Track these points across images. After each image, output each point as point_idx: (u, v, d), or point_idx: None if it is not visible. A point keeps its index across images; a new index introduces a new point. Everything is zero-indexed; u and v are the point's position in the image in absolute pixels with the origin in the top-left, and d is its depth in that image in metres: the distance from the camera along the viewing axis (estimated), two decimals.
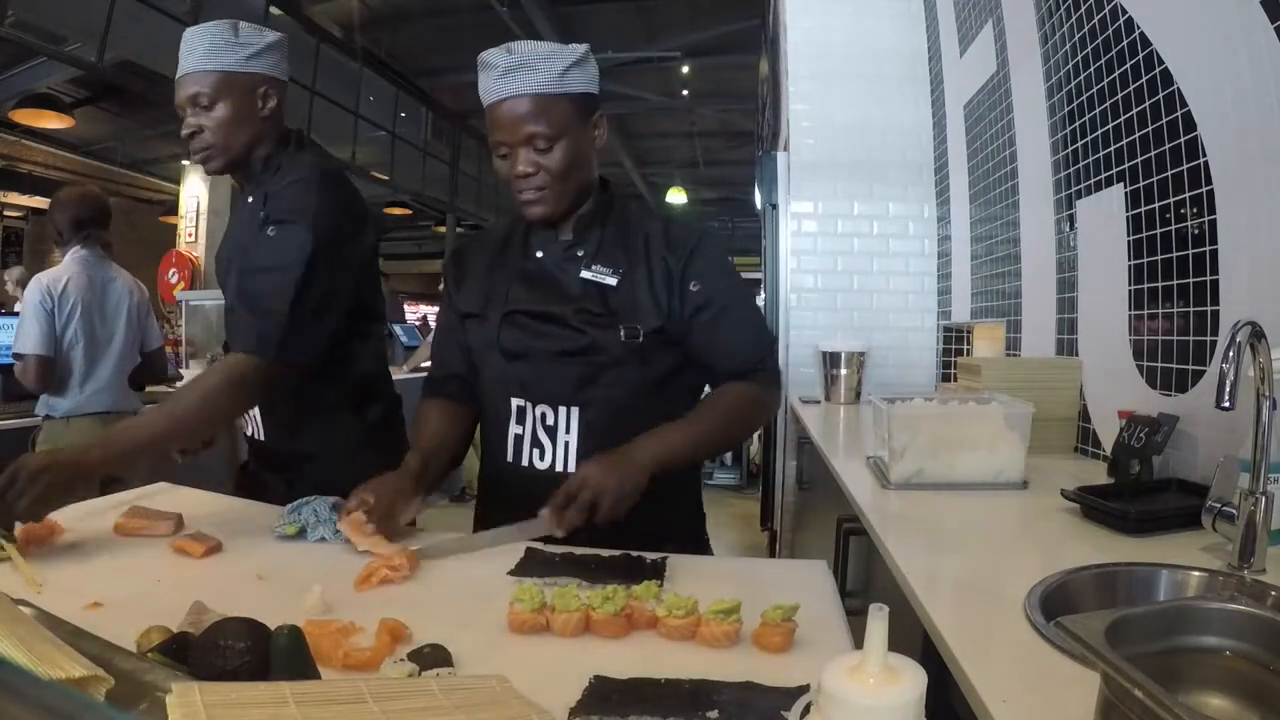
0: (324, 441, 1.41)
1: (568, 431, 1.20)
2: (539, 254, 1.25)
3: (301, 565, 1.01)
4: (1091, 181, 1.84)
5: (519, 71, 1.13)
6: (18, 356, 2.42)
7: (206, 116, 1.32)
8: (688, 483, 1.34)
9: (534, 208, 1.18)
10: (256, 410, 1.43)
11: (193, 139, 1.33)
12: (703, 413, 1.23)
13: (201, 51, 1.30)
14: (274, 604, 0.80)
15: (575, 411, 1.19)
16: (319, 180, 1.34)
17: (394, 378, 1.60)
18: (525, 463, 1.22)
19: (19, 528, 1.05)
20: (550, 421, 1.20)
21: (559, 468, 1.19)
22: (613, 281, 1.21)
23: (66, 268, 2.49)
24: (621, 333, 1.18)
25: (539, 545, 1.07)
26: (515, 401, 1.22)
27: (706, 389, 1.31)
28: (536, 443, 1.21)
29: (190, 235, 7.52)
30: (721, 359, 1.23)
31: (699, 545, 1.32)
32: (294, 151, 1.41)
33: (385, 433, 1.49)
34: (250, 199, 1.40)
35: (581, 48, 1.17)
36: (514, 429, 1.22)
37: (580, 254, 1.23)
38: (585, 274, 1.21)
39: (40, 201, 2.83)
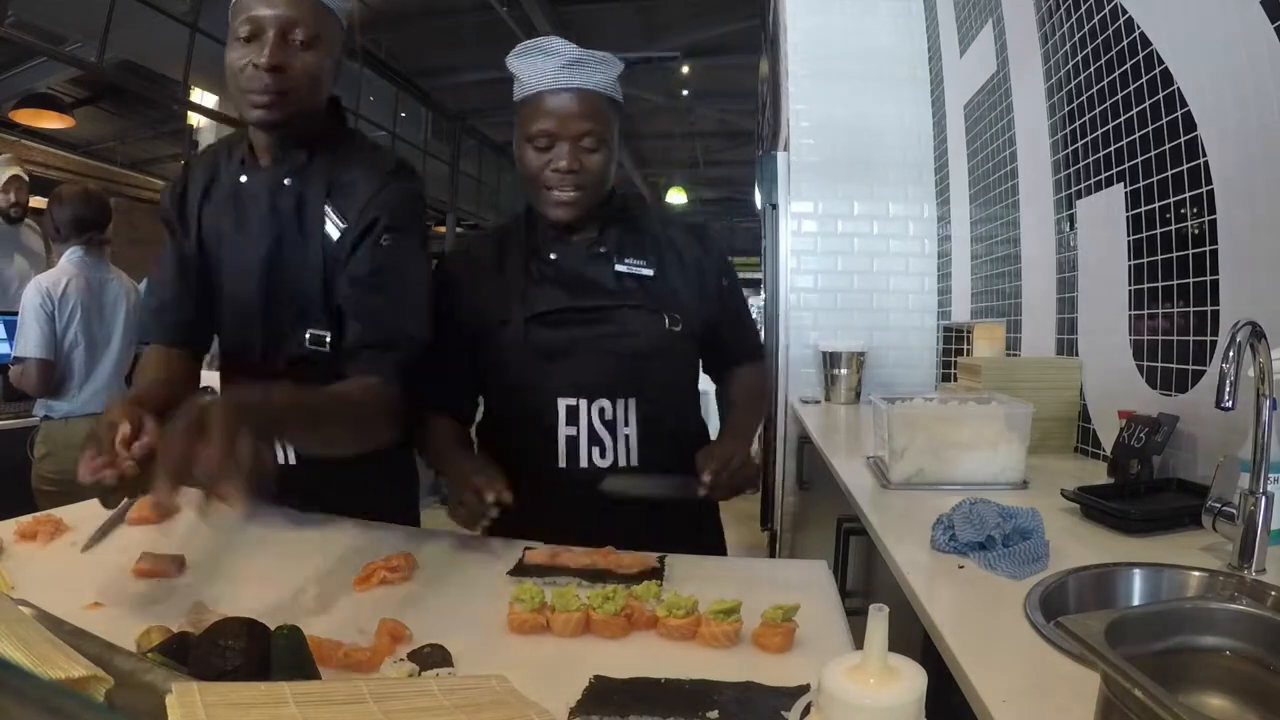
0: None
1: (627, 424, 1.18)
2: (552, 256, 1.22)
3: (301, 565, 1.01)
4: (1091, 181, 1.84)
5: (585, 66, 1.12)
6: (17, 360, 2.40)
7: (299, 57, 1.03)
8: None
9: (564, 209, 1.15)
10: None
11: (274, 73, 1.01)
12: (752, 396, 1.34)
13: None
14: (274, 604, 0.80)
15: (633, 403, 1.18)
16: (415, 177, 1.19)
17: None
18: (584, 463, 1.17)
19: (17, 525, 1.05)
20: (609, 416, 1.18)
21: (622, 462, 1.18)
22: (649, 273, 1.22)
23: (64, 269, 2.48)
24: (666, 321, 1.20)
25: (538, 545, 1.07)
26: (565, 402, 1.17)
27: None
28: (596, 440, 1.17)
29: None
30: (743, 348, 1.36)
31: (717, 545, 1.34)
32: (347, 133, 1.20)
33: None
34: (287, 180, 1.12)
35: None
36: (565, 431, 1.18)
37: (603, 250, 1.21)
38: (620, 267, 1.21)
39: (40, 202, 2.81)
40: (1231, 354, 0.89)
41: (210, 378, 1.43)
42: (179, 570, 0.96)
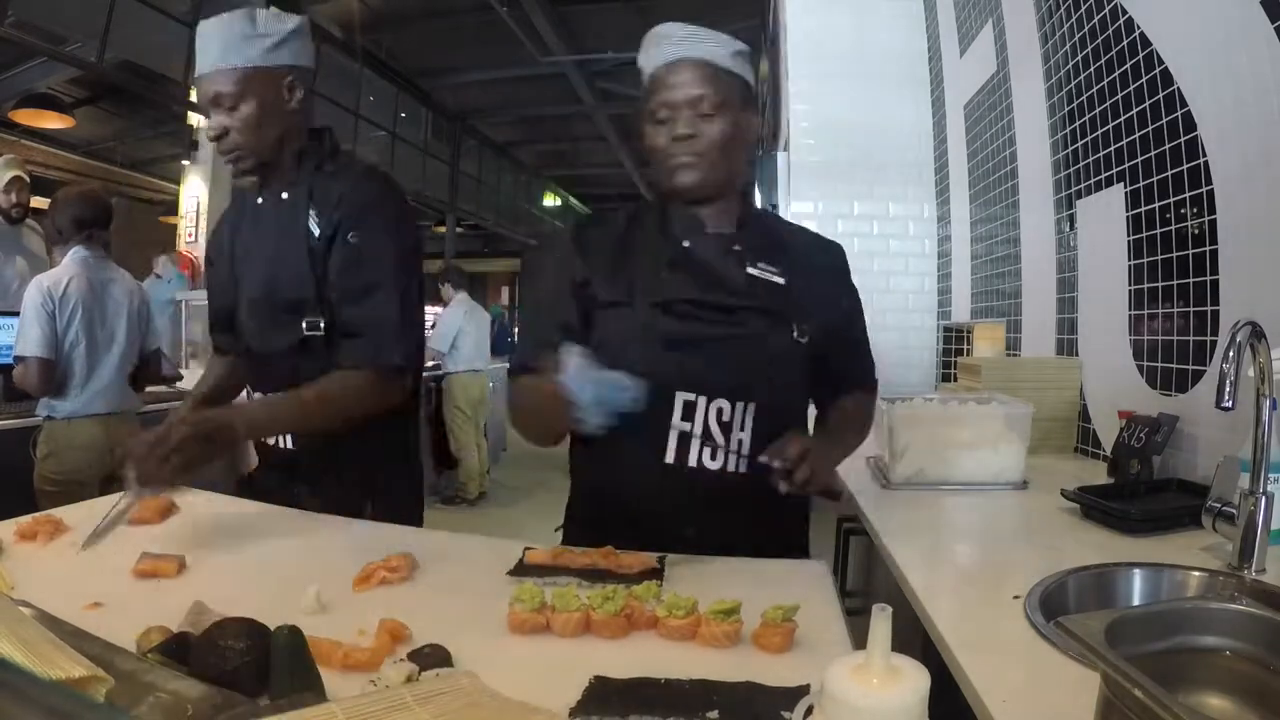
0: (359, 453, 1.33)
1: (742, 429, 1.13)
2: (685, 244, 1.18)
3: (301, 565, 1.01)
4: (1091, 181, 1.84)
5: (695, 39, 1.17)
6: (19, 359, 2.41)
7: (232, 117, 1.25)
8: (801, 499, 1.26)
9: (687, 173, 1.14)
10: None
11: (220, 140, 1.27)
12: (854, 418, 1.29)
13: (219, 48, 1.23)
14: (274, 604, 0.80)
15: (751, 409, 1.13)
16: (386, 181, 1.37)
17: None
18: (693, 462, 1.12)
19: (17, 525, 1.05)
20: (726, 418, 1.12)
21: (731, 467, 1.13)
22: (780, 280, 1.19)
23: (66, 269, 2.49)
24: (794, 332, 1.17)
25: (539, 546, 1.07)
26: (683, 396, 1.12)
27: None
28: (709, 439, 1.12)
29: (190, 235, 7.50)
30: (858, 376, 1.32)
31: (803, 551, 1.28)
32: (330, 148, 1.37)
33: (412, 444, 1.47)
34: (285, 195, 1.32)
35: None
36: (679, 425, 1.11)
37: (737, 249, 1.19)
38: (752, 270, 1.18)
39: (40, 202, 2.83)
40: (1231, 354, 0.89)
41: None
42: (179, 570, 0.96)
